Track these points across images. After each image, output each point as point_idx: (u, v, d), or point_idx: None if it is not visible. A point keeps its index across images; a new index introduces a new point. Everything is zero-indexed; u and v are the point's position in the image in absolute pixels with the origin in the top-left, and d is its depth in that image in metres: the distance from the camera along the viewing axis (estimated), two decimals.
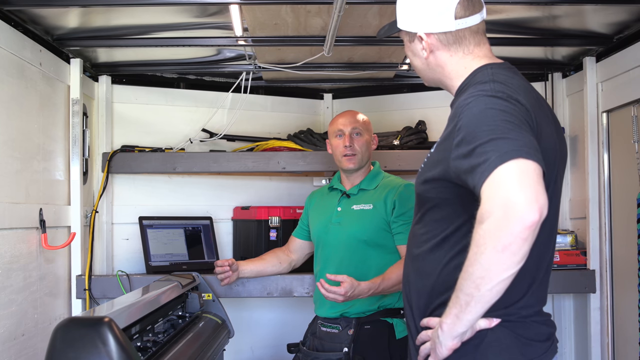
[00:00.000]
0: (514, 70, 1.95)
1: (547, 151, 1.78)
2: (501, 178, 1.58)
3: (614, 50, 3.46)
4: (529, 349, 1.84)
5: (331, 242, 3.17)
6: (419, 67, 2.06)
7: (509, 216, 1.55)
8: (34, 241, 3.09)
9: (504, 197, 1.56)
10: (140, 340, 2.37)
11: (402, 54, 3.74)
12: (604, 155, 3.61)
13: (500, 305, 1.76)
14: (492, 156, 1.60)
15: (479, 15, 1.95)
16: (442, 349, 1.80)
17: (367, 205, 3.14)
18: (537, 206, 1.54)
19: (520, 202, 1.54)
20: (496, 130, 1.65)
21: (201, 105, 4.26)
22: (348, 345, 3.02)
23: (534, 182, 1.57)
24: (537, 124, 1.76)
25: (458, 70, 1.96)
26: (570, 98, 4.00)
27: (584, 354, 3.80)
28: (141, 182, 4.11)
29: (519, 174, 1.57)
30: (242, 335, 3.95)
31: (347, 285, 2.87)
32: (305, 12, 2.98)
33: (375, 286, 2.93)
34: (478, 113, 1.72)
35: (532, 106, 1.78)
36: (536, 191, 1.56)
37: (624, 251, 3.45)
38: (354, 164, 3.18)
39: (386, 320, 3.08)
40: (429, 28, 1.95)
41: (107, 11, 3.08)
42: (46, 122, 3.30)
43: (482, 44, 1.97)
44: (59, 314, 3.39)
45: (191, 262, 3.95)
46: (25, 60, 3.05)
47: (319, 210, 3.34)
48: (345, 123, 3.21)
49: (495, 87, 1.78)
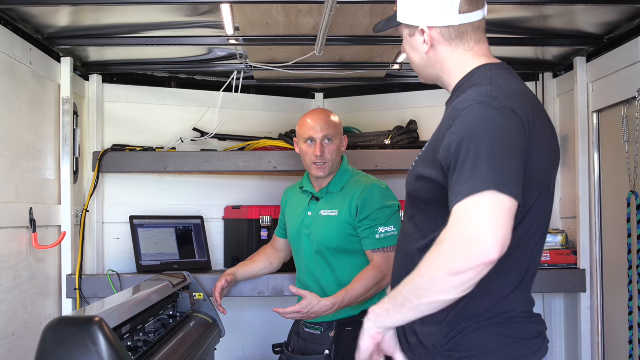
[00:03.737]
0: (511, 71, 1.94)
1: (541, 159, 1.79)
2: (474, 208, 1.61)
3: (605, 50, 3.47)
4: (517, 347, 1.83)
5: (303, 250, 3.16)
6: (417, 63, 2.03)
7: (471, 249, 1.59)
8: (24, 240, 3.07)
9: (471, 230, 1.60)
10: (131, 340, 2.36)
11: (393, 54, 3.74)
12: (594, 155, 3.62)
13: (486, 306, 1.78)
14: (471, 182, 1.63)
15: (481, 12, 1.94)
16: (364, 335, 1.88)
17: (333, 212, 3.09)
18: (500, 248, 1.59)
19: (486, 241, 1.58)
20: (482, 154, 1.65)
21: (192, 104, 4.25)
22: (329, 348, 3.01)
23: (504, 222, 1.60)
24: (530, 133, 1.75)
25: (457, 67, 1.94)
26: (560, 98, 4.02)
27: (574, 353, 3.81)
28: (132, 182, 4.10)
29: (491, 209, 1.60)
30: (233, 334, 3.94)
31: (304, 303, 2.90)
32: (297, 11, 2.98)
33: (340, 300, 2.92)
34: (472, 126, 1.71)
35: (527, 114, 1.77)
36: (503, 231, 1.60)
37: (614, 250, 3.46)
38: (324, 172, 3.11)
39: None
40: (431, 21, 1.92)
41: (98, 10, 3.07)
42: (36, 121, 3.29)
43: (482, 42, 1.96)
44: (49, 314, 3.38)
45: (182, 262, 3.94)
46: (15, 59, 3.04)
47: (292, 212, 3.30)
48: (317, 129, 3.08)
49: (493, 93, 1.77)
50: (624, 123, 3.27)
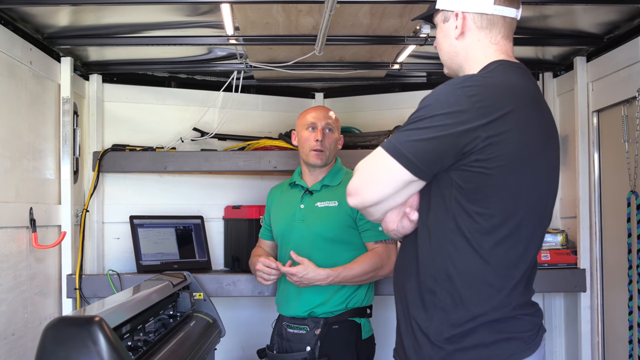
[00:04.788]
0: (521, 69, 2.01)
1: (517, 143, 1.85)
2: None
3: (605, 50, 3.47)
4: (512, 342, 1.88)
5: (295, 240, 3.14)
6: (446, 50, 2.11)
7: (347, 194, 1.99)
8: (24, 240, 3.07)
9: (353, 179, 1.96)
10: (131, 340, 2.37)
11: (393, 54, 3.74)
12: (594, 155, 3.62)
13: (483, 301, 1.85)
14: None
15: (515, 10, 2.03)
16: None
17: (332, 202, 3.13)
18: (356, 199, 1.97)
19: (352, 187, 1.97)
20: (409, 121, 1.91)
21: (192, 104, 4.25)
22: (313, 345, 3.02)
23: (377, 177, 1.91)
24: (493, 119, 1.81)
25: (479, 57, 2.02)
26: (560, 98, 4.02)
27: (574, 352, 3.81)
28: (132, 181, 4.10)
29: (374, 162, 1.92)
30: (233, 334, 3.94)
31: (300, 267, 2.91)
32: (297, 11, 2.98)
33: (335, 274, 2.95)
34: (430, 94, 1.90)
35: (499, 103, 1.84)
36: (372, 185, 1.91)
37: (614, 250, 3.46)
38: (322, 161, 3.17)
39: (354, 321, 3.08)
40: (467, 7, 2.02)
41: (98, 10, 3.07)
42: (36, 121, 3.29)
43: (508, 40, 2.05)
44: (49, 314, 3.38)
45: (182, 262, 3.94)
46: (15, 59, 3.04)
47: (281, 208, 3.31)
48: (319, 117, 3.20)
49: (472, 78, 1.90)
50: (624, 123, 3.27)
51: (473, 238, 1.85)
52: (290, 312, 3.15)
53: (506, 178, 1.83)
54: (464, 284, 1.87)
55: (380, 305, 3.57)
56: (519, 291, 1.91)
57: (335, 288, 3.06)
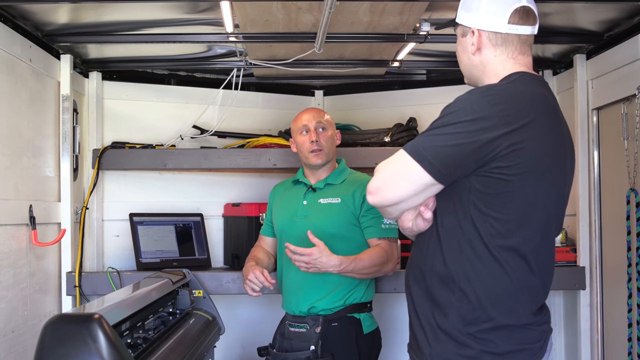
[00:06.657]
0: (540, 82, 2.07)
1: (535, 151, 1.89)
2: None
3: (604, 47, 3.47)
4: (522, 354, 1.94)
5: (297, 236, 3.11)
6: (464, 62, 2.17)
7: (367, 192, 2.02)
8: (24, 238, 3.07)
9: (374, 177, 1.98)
10: (131, 337, 2.37)
11: (393, 51, 3.74)
12: (594, 153, 3.62)
13: (497, 306, 1.90)
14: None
15: (530, 27, 2.08)
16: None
17: (335, 199, 3.16)
18: (377, 197, 1.98)
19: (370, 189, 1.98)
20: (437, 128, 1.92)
21: (192, 101, 4.25)
22: (315, 344, 3.02)
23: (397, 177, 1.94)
24: (515, 126, 1.86)
25: (497, 71, 2.07)
26: (560, 95, 4.01)
27: (573, 350, 3.81)
28: (132, 179, 4.10)
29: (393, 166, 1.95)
30: (232, 332, 3.95)
31: (316, 250, 2.87)
32: (296, 8, 2.98)
33: (348, 262, 2.93)
34: (454, 102, 1.93)
35: (520, 111, 1.88)
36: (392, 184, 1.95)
37: (613, 248, 3.46)
38: (322, 159, 3.20)
39: (353, 316, 3.09)
40: (482, 25, 2.07)
41: (98, 7, 3.06)
42: (36, 119, 3.29)
43: (526, 55, 2.11)
44: (49, 311, 3.38)
45: (182, 259, 3.94)
46: (14, 56, 3.04)
47: (283, 204, 3.33)
48: (309, 119, 3.24)
49: (495, 88, 1.95)
50: (624, 120, 3.27)
51: (489, 241, 1.90)
52: (293, 309, 3.16)
53: (525, 185, 1.88)
54: (480, 285, 1.92)
55: (384, 302, 3.57)
56: (532, 295, 1.96)
57: (335, 284, 3.06)
